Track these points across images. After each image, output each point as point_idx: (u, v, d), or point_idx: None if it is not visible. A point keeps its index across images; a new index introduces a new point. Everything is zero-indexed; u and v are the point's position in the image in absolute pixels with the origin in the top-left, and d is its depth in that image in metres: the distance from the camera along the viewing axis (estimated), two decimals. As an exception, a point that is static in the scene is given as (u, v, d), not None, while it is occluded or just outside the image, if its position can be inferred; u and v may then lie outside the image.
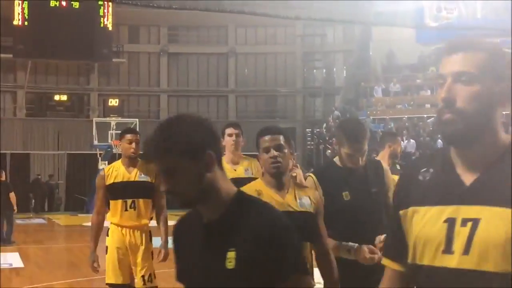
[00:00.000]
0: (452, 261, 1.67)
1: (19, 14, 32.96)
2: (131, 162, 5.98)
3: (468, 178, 1.72)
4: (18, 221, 19.04)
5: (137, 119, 30.80)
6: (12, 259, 13.04)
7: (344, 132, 3.89)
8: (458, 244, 1.66)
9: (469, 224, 1.65)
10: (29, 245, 16.51)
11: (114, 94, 34.34)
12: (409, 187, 1.84)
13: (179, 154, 1.99)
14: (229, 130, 5.56)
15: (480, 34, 13.81)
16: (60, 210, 31.38)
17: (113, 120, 30.16)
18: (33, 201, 30.59)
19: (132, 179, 5.89)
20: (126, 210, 5.84)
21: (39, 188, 30.80)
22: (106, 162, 29.67)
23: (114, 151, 29.93)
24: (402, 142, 27.04)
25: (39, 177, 31.42)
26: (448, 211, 1.69)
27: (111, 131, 29.70)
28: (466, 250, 1.66)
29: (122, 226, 5.90)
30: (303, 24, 36.00)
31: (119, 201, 5.85)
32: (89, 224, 5.83)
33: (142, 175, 5.89)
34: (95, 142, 29.76)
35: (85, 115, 35.32)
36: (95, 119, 31.00)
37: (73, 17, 32.92)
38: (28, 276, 11.32)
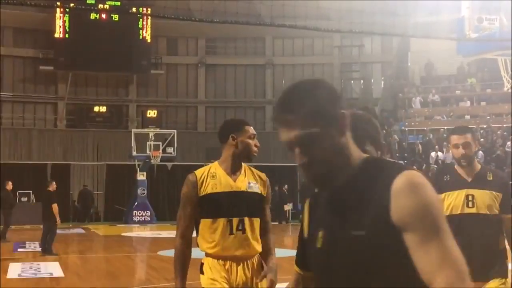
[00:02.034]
0: None
1: (60, 27, 33.59)
2: (237, 165, 4.32)
3: None
4: (57, 231, 19.29)
5: (175, 130, 31.04)
6: (52, 268, 13.20)
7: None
8: None
9: None
10: (68, 254, 16.73)
11: (152, 105, 34.65)
12: None
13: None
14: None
15: (522, 44, 13.62)
16: (100, 221, 31.70)
17: (151, 131, 30.40)
18: (78, 210, 31.17)
19: (241, 189, 4.18)
20: (231, 233, 4.09)
21: (87, 199, 31.30)
22: (144, 173, 29.99)
23: (153, 162, 30.21)
24: (442, 153, 26.76)
25: (87, 187, 31.87)
26: None
27: (149, 142, 29.93)
28: None
29: (225, 258, 4.14)
30: (340, 35, 35.91)
31: (221, 221, 4.11)
32: (128, 234, 5.76)
33: (252, 183, 4.24)
34: (134, 153, 30.02)
35: (124, 126, 35.70)
36: (133, 130, 31.29)
37: (112, 29, 33.42)
38: (68, 285, 11.44)
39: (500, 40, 13.58)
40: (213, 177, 4.26)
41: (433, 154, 27.35)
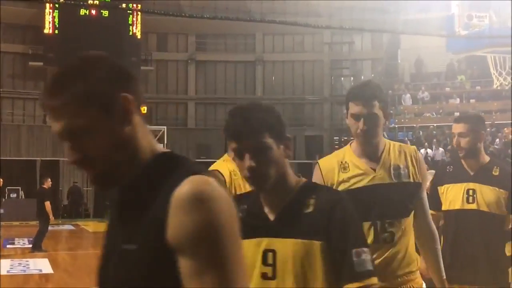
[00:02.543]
0: None
1: (49, 22, 33.43)
2: None
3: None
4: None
5: (165, 127, 31.02)
6: (41, 265, 13.16)
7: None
8: None
9: None
10: (58, 251, 16.67)
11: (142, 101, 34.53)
12: None
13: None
14: None
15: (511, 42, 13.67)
16: (90, 217, 31.63)
17: (141, 128, 30.29)
18: (68, 207, 31.11)
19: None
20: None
21: (77, 195, 31.26)
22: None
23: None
24: (431, 150, 26.89)
25: (76, 184, 31.79)
26: None
27: (139, 139, 29.82)
28: None
29: None
30: (330, 32, 35.94)
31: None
32: None
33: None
34: (124, 150, 29.91)
35: (113, 122, 35.57)
36: (123, 127, 31.14)
37: (102, 25, 33.29)
38: (57, 282, 11.41)
39: (490, 37, 13.64)
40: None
41: (422, 151, 27.43)
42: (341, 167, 3.11)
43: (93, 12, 33.35)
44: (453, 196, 4.13)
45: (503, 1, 14.55)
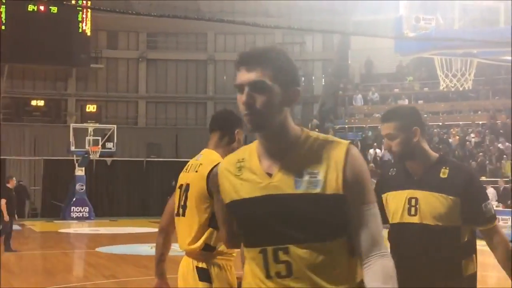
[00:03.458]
0: None
1: (-4, 18, 32.67)
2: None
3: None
4: None
5: (115, 125, 30.67)
6: (-14, 266, 12.85)
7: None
8: None
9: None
10: (3, 251, 16.30)
11: (92, 99, 34.14)
12: None
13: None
14: None
15: (458, 45, 13.96)
16: (37, 217, 31.07)
17: (90, 126, 29.96)
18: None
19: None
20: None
21: (22, 194, 30.60)
22: (83, 168, 29.53)
23: (92, 157, 29.77)
24: (380, 150, 27.25)
25: (21, 183, 31.13)
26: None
27: (88, 137, 29.51)
28: None
29: None
30: (282, 32, 36.09)
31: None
32: (65, 230, 5.51)
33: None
34: (72, 148, 29.54)
35: (62, 120, 35.05)
36: (72, 125, 30.75)
37: (51, 22, 32.71)
38: (2, 283, 11.15)
39: (436, 40, 13.89)
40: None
41: (371, 151, 27.81)
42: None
43: (42, 8, 32.73)
44: (394, 206, 3.38)
45: (450, 3, 14.85)
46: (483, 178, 23.24)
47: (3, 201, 15.18)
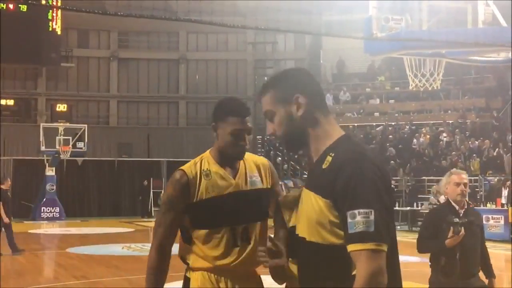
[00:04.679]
0: None
1: (-36, 16, 32.21)
2: (232, 157, 3.33)
3: None
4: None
5: (85, 125, 30.45)
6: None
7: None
8: None
9: None
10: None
11: (62, 99, 33.84)
12: None
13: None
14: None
15: (426, 45, 14.14)
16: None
17: (61, 126, 29.69)
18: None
19: (242, 187, 3.29)
20: (235, 245, 3.24)
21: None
22: (54, 168, 29.26)
23: (62, 157, 29.52)
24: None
25: None
26: None
27: (58, 137, 29.24)
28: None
29: (223, 272, 3.23)
30: (254, 32, 36.16)
31: (224, 230, 3.23)
32: (36, 231, 5.47)
33: (253, 177, 3.35)
34: (43, 148, 29.26)
35: (32, 120, 34.71)
36: (42, 125, 30.47)
37: (20, 20, 32.34)
38: (-30, 285, 11.03)
39: (405, 40, 14.04)
40: (208, 174, 3.26)
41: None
42: None
43: (11, 6, 32.35)
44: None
45: (418, 4, 15.04)
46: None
47: (0, 204, 15.01)
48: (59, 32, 34.05)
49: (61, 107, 31.49)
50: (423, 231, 5.44)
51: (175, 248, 3.36)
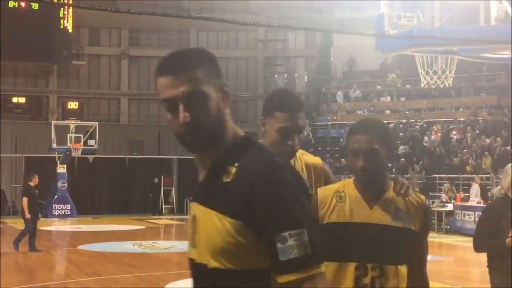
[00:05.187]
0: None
1: (-24, 14, 32.36)
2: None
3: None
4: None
5: (96, 122, 30.56)
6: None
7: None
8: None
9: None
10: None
11: (73, 96, 33.94)
12: None
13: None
14: None
15: (438, 42, 14.08)
16: (17, 214, 30.84)
17: (72, 123, 29.82)
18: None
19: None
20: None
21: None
22: (65, 166, 29.38)
23: (73, 154, 29.64)
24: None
25: None
26: None
27: (70, 134, 29.37)
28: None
29: None
30: (265, 29, 36.14)
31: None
32: (47, 228, 5.50)
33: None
34: (54, 145, 29.38)
35: (43, 118, 34.82)
36: (53, 122, 30.59)
37: (32, 18, 32.46)
38: (-17, 281, 11.08)
39: (417, 37, 13.99)
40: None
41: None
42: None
43: (22, 4, 32.47)
44: None
45: (430, 2, 14.98)
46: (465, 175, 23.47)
47: (25, 199, 15.11)
48: (70, 30, 34.13)
49: (72, 105, 31.62)
50: (482, 227, 4.88)
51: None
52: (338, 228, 2.67)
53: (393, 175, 2.92)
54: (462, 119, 28.61)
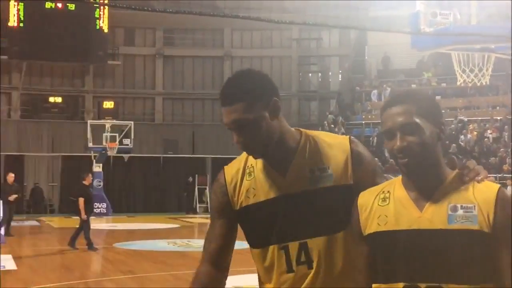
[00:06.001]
0: None
1: (14, 15, 32.91)
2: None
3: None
4: (12, 223, 18.99)
5: (132, 122, 30.83)
6: (4, 261, 12.98)
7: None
8: None
9: None
10: (22, 247, 16.47)
11: (109, 96, 34.29)
12: None
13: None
14: None
15: (475, 40, 13.88)
16: (54, 213, 31.32)
17: (108, 123, 30.12)
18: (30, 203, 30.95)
19: (296, 187, 2.37)
20: (290, 270, 2.31)
21: (38, 196, 31.26)
22: (101, 164, 29.70)
23: (109, 153, 29.93)
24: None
25: (38, 185, 31.72)
26: None
27: (105, 134, 29.67)
28: None
29: None
30: (299, 28, 36.04)
31: (272, 249, 2.34)
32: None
33: (318, 170, 2.37)
34: (90, 145, 29.72)
35: (79, 117, 35.24)
36: (89, 122, 30.94)
37: (68, 19, 32.90)
38: (21, 278, 11.27)
39: (453, 35, 13.82)
40: (251, 174, 2.42)
41: (387, 146, 27.68)
42: None
43: (59, 5, 32.91)
44: None
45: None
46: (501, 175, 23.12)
47: (81, 200, 15.26)
48: (105, 30, 34.49)
49: (108, 104, 31.95)
50: None
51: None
52: (379, 238, 2.09)
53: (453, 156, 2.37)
54: (499, 118, 28.18)
